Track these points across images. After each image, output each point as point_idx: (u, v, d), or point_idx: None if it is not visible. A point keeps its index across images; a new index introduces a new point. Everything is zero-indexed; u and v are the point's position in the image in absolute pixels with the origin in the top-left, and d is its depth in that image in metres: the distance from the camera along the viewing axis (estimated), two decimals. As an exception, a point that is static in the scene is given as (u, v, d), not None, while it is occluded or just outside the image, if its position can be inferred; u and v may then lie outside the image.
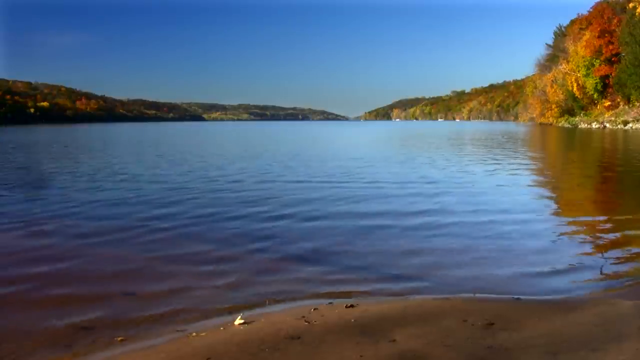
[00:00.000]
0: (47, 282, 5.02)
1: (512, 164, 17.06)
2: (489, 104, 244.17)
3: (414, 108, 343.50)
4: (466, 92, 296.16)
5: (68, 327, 3.96)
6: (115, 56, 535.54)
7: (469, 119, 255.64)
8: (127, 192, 10.72)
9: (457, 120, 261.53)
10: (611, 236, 6.80)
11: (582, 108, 73.33)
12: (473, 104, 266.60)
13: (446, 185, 11.63)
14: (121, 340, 3.69)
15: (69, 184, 12.27)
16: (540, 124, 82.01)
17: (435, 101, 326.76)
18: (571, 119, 72.98)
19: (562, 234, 6.94)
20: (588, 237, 6.80)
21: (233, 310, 4.22)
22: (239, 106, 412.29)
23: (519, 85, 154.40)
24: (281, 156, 20.74)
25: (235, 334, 3.69)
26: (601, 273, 5.16)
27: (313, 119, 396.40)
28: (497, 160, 18.51)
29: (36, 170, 16.10)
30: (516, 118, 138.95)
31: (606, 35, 68.83)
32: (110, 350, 3.55)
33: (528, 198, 10.08)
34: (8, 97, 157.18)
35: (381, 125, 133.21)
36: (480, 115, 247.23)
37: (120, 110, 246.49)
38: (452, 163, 17.63)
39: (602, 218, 8.26)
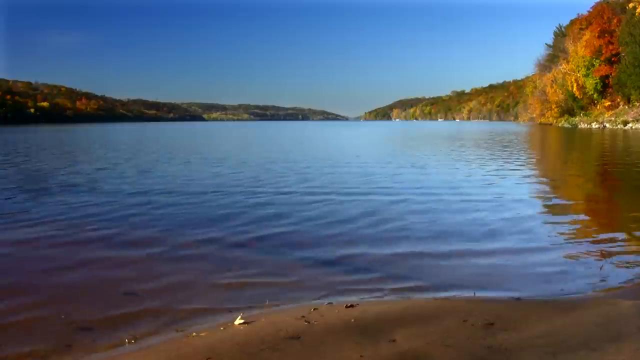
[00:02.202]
0: (47, 281, 5.03)
1: (521, 165, 17.10)
2: (488, 104, 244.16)
3: (414, 108, 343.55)
4: (466, 92, 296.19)
5: (68, 327, 3.96)
6: (115, 56, 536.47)
7: (468, 119, 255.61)
8: (136, 192, 10.74)
9: (457, 120, 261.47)
10: (611, 236, 6.80)
11: (582, 108, 73.34)
12: (473, 104, 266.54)
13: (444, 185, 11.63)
14: (132, 340, 3.69)
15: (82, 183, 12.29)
16: (540, 124, 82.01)
17: (435, 101, 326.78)
18: (571, 119, 72.98)
19: (562, 233, 6.95)
20: (588, 237, 6.79)
21: (233, 310, 4.22)
22: (239, 106, 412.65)
23: (519, 85, 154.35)
24: (307, 159, 19.50)
25: (235, 334, 3.69)
26: (601, 273, 5.16)
27: (313, 119, 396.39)
28: (517, 164, 18.55)
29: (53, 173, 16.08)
30: (516, 118, 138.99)
31: (606, 35, 68.85)
32: (110, 350, 3.55)
33: (529, 198, 10.08)
34: (8, 97, 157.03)
35: (383, 125, 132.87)
36: (480, 115, 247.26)
37: (120, 110, 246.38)
38: (475, 164, 17.64)
39: (602, 217, 8.27)
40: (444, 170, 15.39)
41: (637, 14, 62.01)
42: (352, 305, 4.19)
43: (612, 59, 67.75)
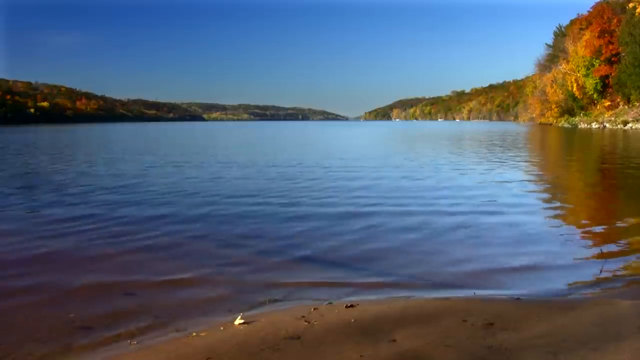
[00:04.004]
0: (47, 281, 5.03)
1: (521, 165, 17.08)
2: (488, 104, 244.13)
3: (414, 108, 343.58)
4: (466, 92, 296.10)
5: (68, 326, 3.96)
6: (115, 56, 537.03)
7: (468, 119, 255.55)
8: (138, 196, 10.74)
9: (457, 120, 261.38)
10: (611, 236, 6.81)
11: (582, 108, 73.35)
12: (473, 104, 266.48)
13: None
14: (131, 340, 3.69)
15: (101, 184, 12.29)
16: (540, 124, 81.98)
17: (435, 101, 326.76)
18: (571, 119, 72.97)
19: (562, 233, 6.95)
20: (588, 237, 6.79)
21: (233, 310, 4.22)
22: (239, 106, 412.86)
23: (519, 85, 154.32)
24: (338, 163, 17.73)
25: (235, 334, 3.69)
26: (601, 273, 5.16)
27: (313, 119, 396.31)
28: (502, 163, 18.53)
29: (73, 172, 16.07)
30: (516, 118, 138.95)
31: (606, 35, 68.85)
32: (110, 350, 3.55)
33: (529, 198, 10.07)
34: (8, 97, 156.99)
35: (383, 125, 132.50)
36: (480, 116, 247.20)
37: (120, 110, 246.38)
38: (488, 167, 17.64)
39: (602, 218, 8.26)
40: (449, 175, 15.39)
41: (637, 14, 62.01)
42: (352, 305, 4.19)
43: (612, 59, 67.73)
